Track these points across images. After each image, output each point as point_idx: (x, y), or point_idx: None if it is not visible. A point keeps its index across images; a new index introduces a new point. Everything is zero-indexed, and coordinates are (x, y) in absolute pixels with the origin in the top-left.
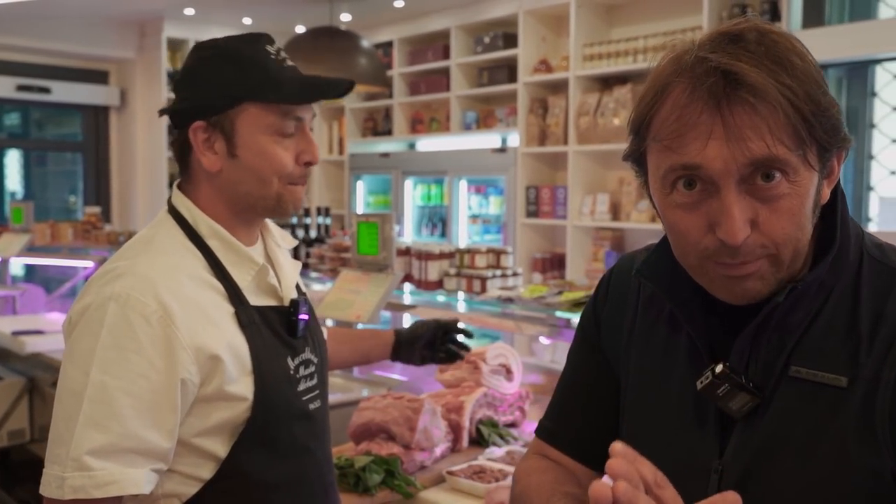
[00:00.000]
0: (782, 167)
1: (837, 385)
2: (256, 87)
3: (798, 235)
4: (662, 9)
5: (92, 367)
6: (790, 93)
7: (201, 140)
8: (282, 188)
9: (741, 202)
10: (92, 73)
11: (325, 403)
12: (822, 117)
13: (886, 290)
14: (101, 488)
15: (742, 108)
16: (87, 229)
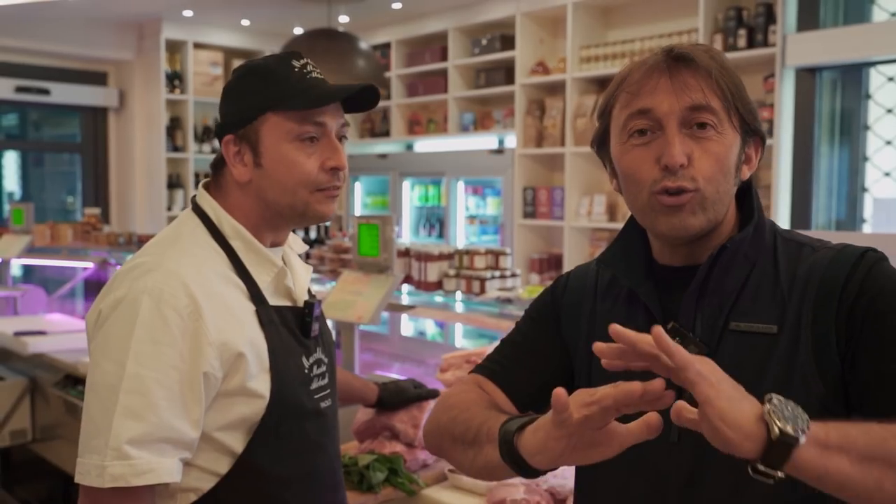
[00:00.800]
0: (712, 118)
1: (769, 332)
2: (276, 96)
3: (720, 178)
4: (658, 11)
5: (128, 360)
6: (720, 71)
7: (232, 153)
8: (308, 196)
9: (680, 138)
10: (91, 74)
11: (335, 402)
12: (743, 101)
13: (796, 258)
14: (139, 476)
15: (685, 71)
16: (86, 230)
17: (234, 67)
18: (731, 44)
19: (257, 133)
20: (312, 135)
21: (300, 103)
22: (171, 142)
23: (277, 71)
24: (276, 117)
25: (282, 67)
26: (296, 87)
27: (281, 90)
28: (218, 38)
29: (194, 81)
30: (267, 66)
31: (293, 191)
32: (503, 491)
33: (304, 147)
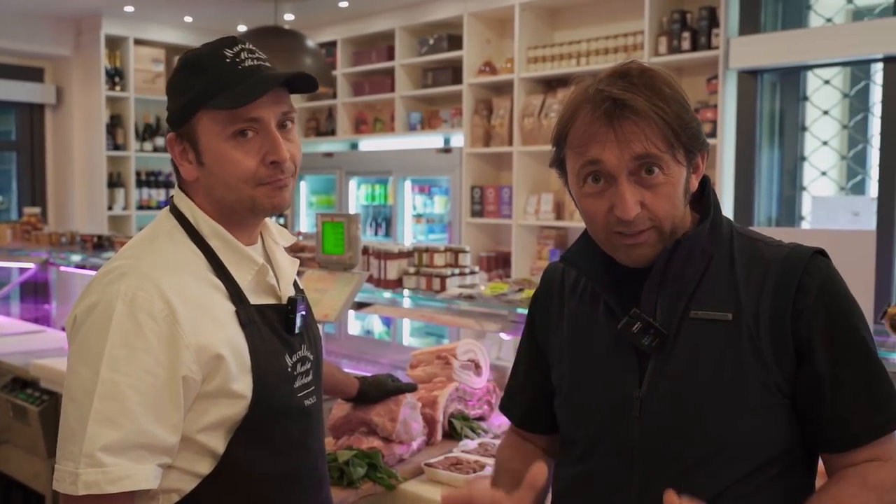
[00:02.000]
0: (658, 162)
1: (726, 319)
2: (206, 94)
3: (673, 212)
4: (605, 13)
5: (102, 366)
6: (661, 112)
7: (178, 151)
8: (252, 191)
9: (631, 189)
10: (26, 70)
11: (319, 399)
12: (685, 128)
13: (751, 252)
14: (114, 483)
15: (627, 122)
16: (26, 230)
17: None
18: (676, 46)
19: (195, 131)
20: (246, 130)
21: (226, 102)
22: (111, 140)
23: (207, 64)
24: (207, 116)
25: (212, 59)
26: (224, 82)
27: (209, 86)
28: (160, 35)
29: (135, 78)
30: (198, 58)
31: (236, 187)
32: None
33: (241, 144)
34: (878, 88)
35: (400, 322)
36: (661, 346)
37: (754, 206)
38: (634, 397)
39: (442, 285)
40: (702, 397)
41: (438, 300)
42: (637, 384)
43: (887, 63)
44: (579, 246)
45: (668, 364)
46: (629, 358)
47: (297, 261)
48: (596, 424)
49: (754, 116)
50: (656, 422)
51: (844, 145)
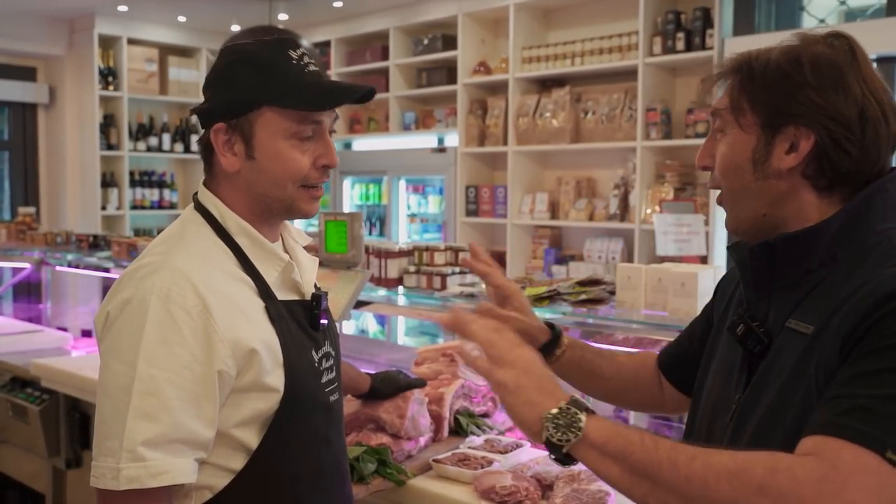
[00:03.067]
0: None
1: (805, 332)
2: (275, 92)
3: (731, 175)
4: (598, 13)
5: (139, 361)
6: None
7: (222, 141)
8: (296, 191)
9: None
10: (19, 69)
11: (341, 395)
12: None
13: (876, 266)
14: (155, 478)
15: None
16: (21, 230)
17: (221, 49)
18: (670, 47)
19: (251, 126)
20: (309, 134)
21: (302, 104)
22: (104, 139)
23: (275, 62)
24: (272, 113)
25: (278, 58)
26: (295, 83)
27: (280, 86)
28: (153, 35)
29: (129, 78)
30: (262, 55)
31: (283, 185)
32: (491, 478)
33: (299, 144)
34: None
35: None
36: (763, 353)
37: None
38: (734, 401)
39: (442, 284)
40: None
41: (439, 298)
42: (742, 389)
43: (880, 63)
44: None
45: (770, 374)
46: (741, 360)
47: (317, 259)
48: (703, 417)
49: None
50: (741, 428)
51: None
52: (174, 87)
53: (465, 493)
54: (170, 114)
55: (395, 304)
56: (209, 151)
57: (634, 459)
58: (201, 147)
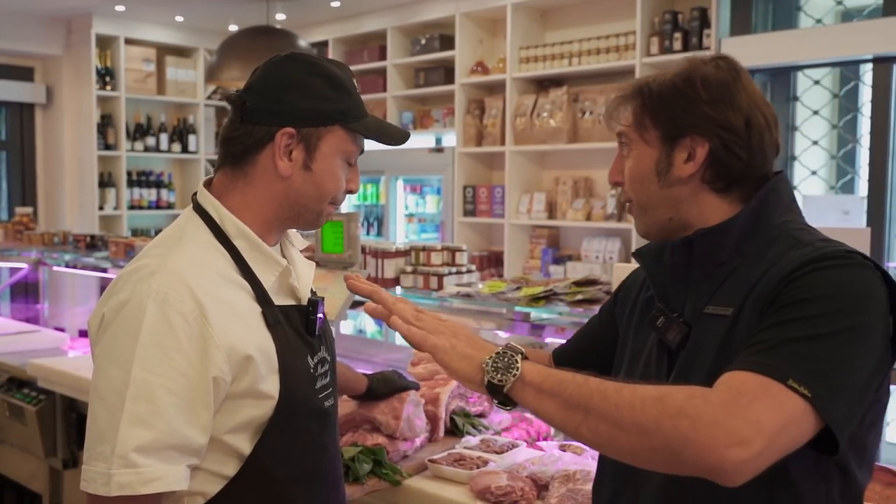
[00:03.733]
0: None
1: (725, 315)
2: (352, 114)
3: (637, 186)
4: (597, 14)
5: (133, 365)
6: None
7: (283, 145)
8: (326, 207)
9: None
10: (16, 69)
11: (336, 400)
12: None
13: (780, 253)
14: (147, 485)
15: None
16: (19, 230)
17: (289, 56)
18: (667, 47)
19: (319, 139)
20: (354, 160)
21: (368, 132)
22: (102, 139)
23: (348, 86)
24: (342, 133)
25: (349, 84)
26: (362, 111)
27: (354, 109)
28: (151, 35)
29: (126, 78)
30: (337, 74)
31: (322, 200)
32: (486, 478)
33: (343, 167)
34: (868, 89)
35: None
36: (683, 342)
37: None
38: None
39: (439, 284)
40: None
41: (436, 298)
42: (665, 379)
43: (876, 63)
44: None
45: (693, 361)
46: (662, 352)
47: (314, 264)
48: None
49: None
50: None
51: (834, 145)
52: (172, 87)
53: (461, 494)
54: (167, 114)
55: None
56: (256, 149)
57: (568, 394)
58: (246, 143)
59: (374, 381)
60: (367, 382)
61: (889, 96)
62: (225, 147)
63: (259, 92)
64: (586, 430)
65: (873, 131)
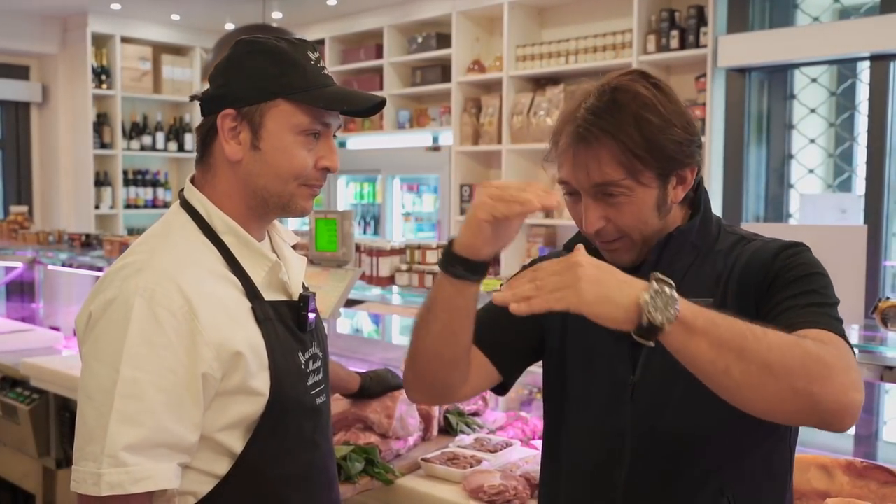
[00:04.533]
0: (615, 189)
1: (706, 304)
2: (294, 86)
3: (641, 226)
4: (593, 12)
5: (122, 363)
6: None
7: (228, 128)
8: (295, 188)
9: (595, 206)
10: (11, 68)
11: (328, 397)
12: (656, 151)
13: (731, 246)
14: (137, 484)
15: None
16: (13, 229)
17: (236, 41)
18: (664, 45)
19: (262, 116)
20: (318, 132)
21: (319, 101)
22: (98, 138)
23: (293, 58)
24: (287, 105)
25: (299, 56)
26: (314, 81)
27: (299, 81)
28: (147, 33)
29: (122, 76)
30: (283, 50)
31: (284, 180)
32: (480, 477)
33: (307, 142)
34: (865, 86)
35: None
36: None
37: (742, 204)
38: (628, 383)
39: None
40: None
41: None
42: (631, 370)
43: (873, 61)
44: (581, 237)
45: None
46: (623, 345)
47: (305, 258)
48: (591, 409)
49: (742, 114)
50: (647, 406)
51: (831, 143)
52: (168, 86)
53: (454, 493)
54: (164, 112)
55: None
56: (210, 138)
57: (720, 332)
58: (202, 133)
59: (367, 380)
60: (360, 381)
61: (886, 94)
62: (195, 143)
63: (210, 83)
64: (737, 372)
65: (870, 129)
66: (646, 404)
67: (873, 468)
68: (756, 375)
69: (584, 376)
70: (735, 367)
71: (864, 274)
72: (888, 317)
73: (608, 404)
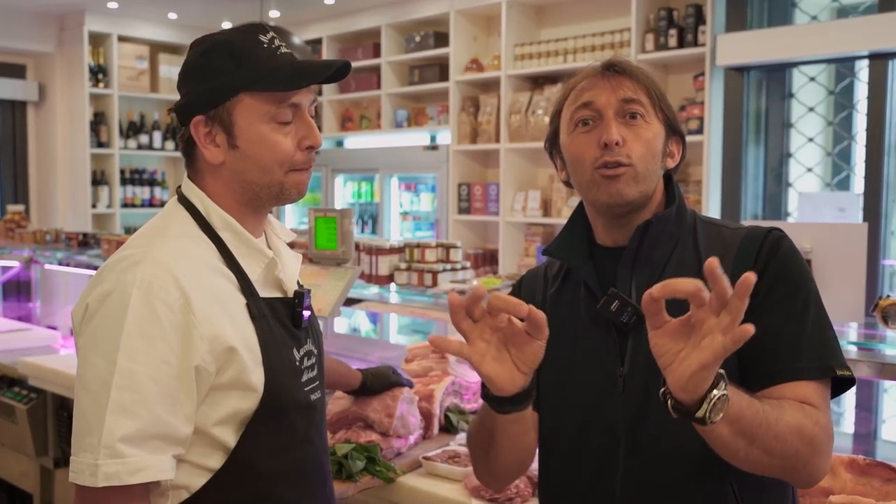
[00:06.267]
0: (640, 109)
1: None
2: (249, 77)
3: (648, 158)
4: (591, 11)
5: (118, 355)
6: (648, 79)
7: (203, 134)
8: (283, 176)
9: (616, 123)
10: (8, 66)
11: (323, 394)
12: (665, 102)
13: (714, 236)
14: (133, 474)
15: (619, 76)
16: (10, 228)
17: (192, 42)
18: (663, 43)
19: (230, 114)
20: (289, 118)
21: (275, 85)
22: (95, 137)
23: (244, 49)
24: (250, 99)
25: (249, 44)
26: (268, 66)
27: (253, 70)
28: (144, 32)
29: (119, 75)
30: (233, 42)
31: (271, 171)
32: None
33: (280, 128)
34: (863, 85)
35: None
36: (638, 324)
37: (741, 203)
38: (618, 375)
39: (433, 281)
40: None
41: (431, 295)
42: (619, 362)
43: (872, 60)
44: (561, 238)
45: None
46: (609, 337)
47: (301, 256)
48: (583, 405)
49: (741, 113)
50: (639, 397)
51: (829, 142)
52: (165, 85)
53: (456, 491)
54: (161, 111)
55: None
56: (191, 147)
57: (742, 425)
58: (182, 143)
59: (367, 376)
60: (361, 377)
61: (884, 93)
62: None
63: (179, 91)
64: (743, 454)
65: (869, 128)
66: (636, 396)
67: (876, 465)
68: (757, 456)
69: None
70: (743, 451)
71: (864, 272)
72: (889, 315)
73: (600, 397)
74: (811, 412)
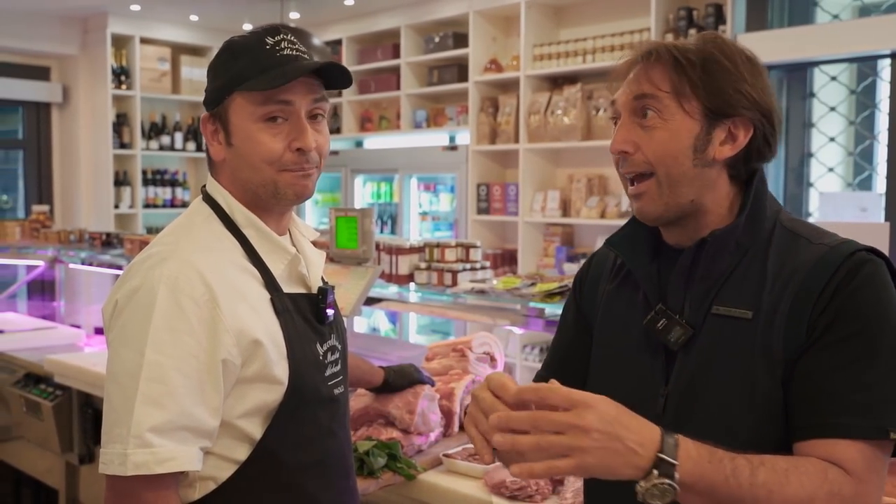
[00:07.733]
0: (652, 104)
1: (745, 317)
2: (240, 76)
3: (669, 161)
4: (610, 10)
5: (146, 348)
6: (680, 59)
7: (210, 132)
8: (275, 174)
9: (628, 126)
10: (33, 69)
11: (346, 389)
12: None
13: (789, 249)
14: (162, 464)
15: (642, 65)
16: (35, 228)
17: None
18: None
19: (227, 112)
20: (276, 115)
21: (259, 84)
22: (117, 138)
23: (247, 49)
24: (241, 98)
25: (253, 45)
26: (259, 66)
27: (245, 70)
28: (166, 34)
29: (141, 77)
30: (240, 42)
31: (260, 169)
32: (502, 473)
33: (270, 127)
34: (886, 85)
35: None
36: (687, 344)
37: None
38: (660, 394)
39: (453, 280)
40: (716, 396)
41: (450, 295)
42: (664, 381)
43: (894, 59)
44: (626, 231)
45: (692, 361)
46: (658, 353)
47: (324, 253)
48: None
49: None
50: (678, 419)
51: (851, 141)
52: (186, 86)
53: (476, 488)
54: (182, 112)
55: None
56: (207, 145)
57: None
58: (203, 140)
59: (390, 374)
60: (384, 374)
61: None
62: None
63: None
64: None
65: (891, 127)
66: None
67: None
68: None
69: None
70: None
71: None
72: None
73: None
74: (836, 480)
